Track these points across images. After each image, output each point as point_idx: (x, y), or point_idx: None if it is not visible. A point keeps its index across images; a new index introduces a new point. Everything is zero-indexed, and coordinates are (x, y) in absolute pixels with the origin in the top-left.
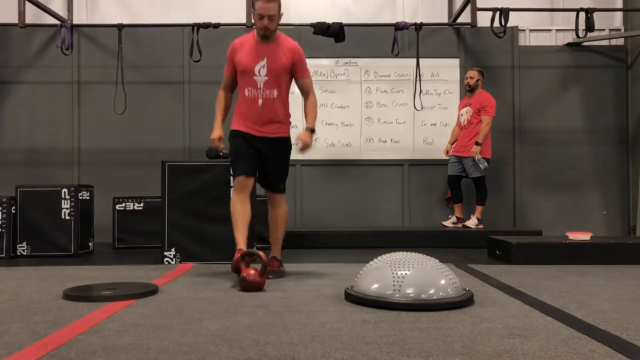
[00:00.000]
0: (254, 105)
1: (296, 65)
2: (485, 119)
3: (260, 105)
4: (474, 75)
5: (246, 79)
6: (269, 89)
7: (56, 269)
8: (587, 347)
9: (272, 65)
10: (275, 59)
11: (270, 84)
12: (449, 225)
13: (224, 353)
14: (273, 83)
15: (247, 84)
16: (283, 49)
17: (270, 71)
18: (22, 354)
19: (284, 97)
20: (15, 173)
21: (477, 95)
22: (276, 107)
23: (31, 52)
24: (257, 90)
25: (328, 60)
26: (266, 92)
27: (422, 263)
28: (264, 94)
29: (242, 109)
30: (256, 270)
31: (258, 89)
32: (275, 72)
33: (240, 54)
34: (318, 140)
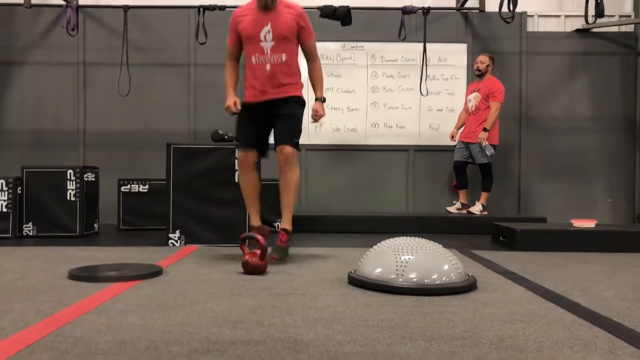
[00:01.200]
0: (262, 71)
1: (301, 28)
2: (494, 105)
3: (268, 71)
4: (484, 60)
5: (252, 46)
6: (277, 54)
7: (61, 249)
8: (589, 334)
9: (277, 29)
10: (280, 23)
11: (277, 49)
12: (454, 211)
13: (227, 334)
14: (280, 47)
15: (254, 51)
16: (287, 13)
17: (276, 36)
18: (28, 332)
19: (292, 60)
20: (21, 154)
21: (486, 81)
22: (285, 70)
23: (37, 33)
24: (264, 56)
25: (334, 44)
26: (274, 57)
27: (426, 248)
28: (271, 59)
29: (251, 77)
30: (258, 254)
31: (265, 54)
32: (281, 36)
33: (243, 23)
34: (323, 125)
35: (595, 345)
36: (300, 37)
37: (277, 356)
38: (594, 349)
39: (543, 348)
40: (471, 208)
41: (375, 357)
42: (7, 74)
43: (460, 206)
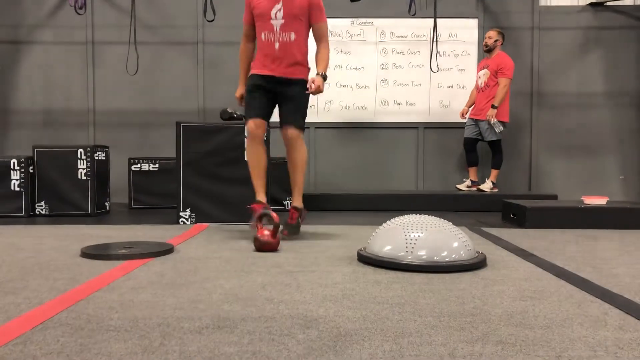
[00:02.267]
0: (271, 48)
1: (313, 8)
2: (502, 81)
3: (277, 49)
4: (492, 36)
5: (263, 23)
6: (286, 32)
7: (74, 227)
8: (599, 310)
9: (289, 8)
10: (292, 1)
11: (286, 27)
12: (464, 189)
13: (238, 311)
14: (290, 26)
15: (264, 28)
16: None
17: (286, 14)
18: (42, 309)
19: (301, 41)
20: (31, 133)
21: (495, 56)
22: (293, 50)
23: (45, 12)
24: (273, 34)
25: (343, 20)
26: (283, 35)
27: (435, 226)
28: (280, 37)
29: (260, 53)
30: (270, 231)
31: (274, 32)
32: (292, 15)
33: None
34: (333, 103)
35: (605, 322)
36: (311, 18)
37: (287, 332)
38: (603, 325)
39: (552, 324)
40: (481, 186)
41: (385, 334)
42: (16, 53)
43: (470, 183)
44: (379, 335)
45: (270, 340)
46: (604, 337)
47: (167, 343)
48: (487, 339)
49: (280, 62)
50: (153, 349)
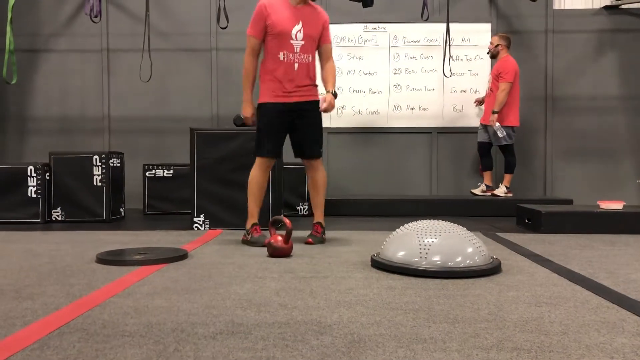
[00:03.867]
0: (291, 69)
1: (325, 30)
2: (502, 85)
3: (296, 70)
4: (493, 41)
5: (282, 42)
6: (305, 54)
7: (89, 233)
8: (616, 316)
9: (308, 29)
10: (311, 23)
11: (306, 49)
12: (479, 193)
13: (251, 316)
14: (309, 48)
15: (283, 48)
16: (316, 14)
17: (306, 35)
18: (58, 314)
19: (314, 62)
20: (48, 140)
21: (500, 62)
22: (310, 71)
23: (61, 21)
24: (294, 55)
25: (356, 25)
26: (302, 56)
27: (450, 231)
28: (300, 59)
29: (275, 74)
30: (283, 237)
31: (295, 52)
32: (311, 37)
33: (275, 16)
34: (345, 108)
35: (623, 328)
36: (322, 39)
37: (300, 338)
38: (621, 331)
39: (569, 331)
40: (495, 191)
41: (399, 340)
42: (33, 61)
43: (485, 188)
44: (393, 342)
45: (284, 346)
46: (622, 344)
47: (182, 348)
48: (503, 345)
49: (298, 85)
50: (168, 354)
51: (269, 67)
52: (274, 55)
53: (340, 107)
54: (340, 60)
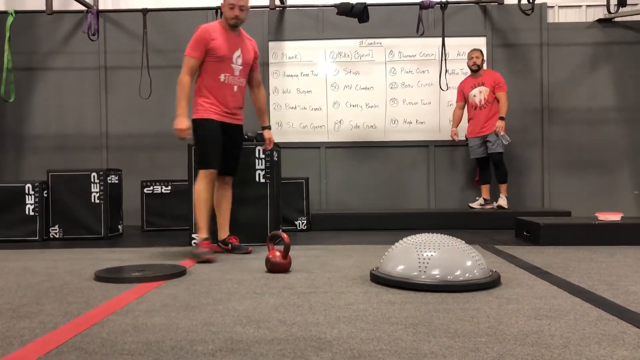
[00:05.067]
0: (229, 91)
1: (256, 58)
2: (503, 95)
3: (235, 92)
4: (479, 55)
5: (223, 65)
6: (242, 78)
7: (87, 251)
8: (616, 329)
9: (246, 56)
10: (247, 51)
11: (243, 73)
12: (477, 207)
13: (251, 333)
14: (245, 73)
15: (224, 70)
16: (250, 43)
17: (244, 61)
18: (56, 333)
19: (245, 86)
20: (46, 158)
21: (486, 74)
22: (243, 95)
23: (59, 39)
24: (234, 78)
25: (352, 41)
26: (240, 80)
27: (448, 244)
28: (238, 82)
29: (216, 94)
30: (281, 252)
31: (235, 76)
32: (247, 63)
33: (218, 41)
34: (343, 122)
35: (623, 340)
36: (254, 67)
37: (300, 355)
38: (622, 344)
39: (569, 344)
40: (500, 203)
41: (399, 355)
42: (30, 79)
43: (483, 202)
44: (393, 357)
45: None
46: (622, 356)
47: None
48: (503, 359)
49: (235, 106)
50: None
51: (209, 86)
52: (215, 76)
53: (338, 121)
54: (337, 75)
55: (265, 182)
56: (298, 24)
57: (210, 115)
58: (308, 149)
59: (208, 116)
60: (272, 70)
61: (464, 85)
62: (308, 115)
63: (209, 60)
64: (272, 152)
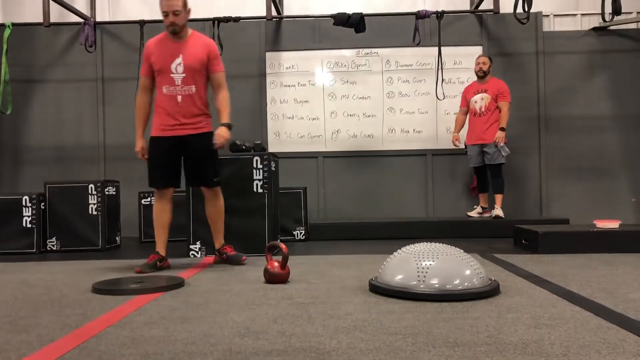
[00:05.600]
0: (173, 102)
1: (210, 60)
2: (506, 105)
3: (179, 102)
4: (486, 62)
5: (164, 77)
6: (187, 85)
7: (85, 263)
8: (616, 337)
9: (188, 61)
10: (191, 55)
11: (187, 80)
12: (475, 216)
13: (249, 344)
14: (190, 79)
15: (165, 82)
16: (198, 45)
17: (187, 68)
18: (54, 346)
19: (201, 92)
20: (43, 170)
21: (491, 81)
22: (196, 102)
23: (56, 51)
24: (175, 87)
25: (349, 51)
26: (184, 88)
27: (447, 253)
28: (182, 91)
29: (163, 106)
30: (280, 263)
31: (176, 85)
32: (192, 69)
33: (155, 54)
34: (340, 132)
35: (623, 348)
36: (210, 69)
37: None
38: (622, 352)
39: (569, 352)
40: (496, 213)
41: None
42: (28, 91)
43: (481, 210)
44: None
45: None
46: None
47: None
48: None
49: (183, 116)
50: None
51: (157, 101)
52: (160, 90)
53: (335, 130)
54: (334, 85)
55: (263, 192)
56: (295, 35)
57: (153, 133)
58: (306, 159)
59: (153, 134)
60: (270, 81)
61: (468, 91)
62: (306, 125)
63: (156, 75)
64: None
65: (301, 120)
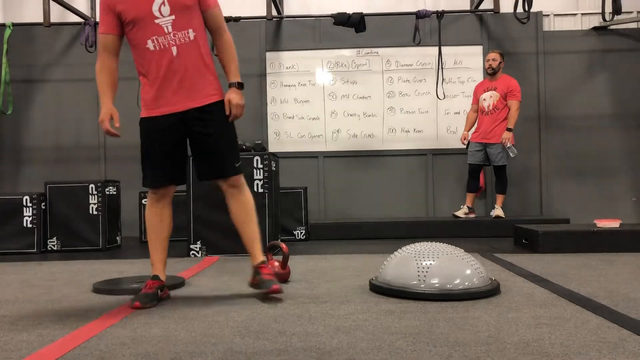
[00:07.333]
0: (167, 59)
1: None
2: (515, 104)
3: (176, 56)
4: (496, 58)
5: (145, 28)
6: (182, 30)
7: (85, 263)
8: (616, 336)
9: None
10: None
11: (180, 23)
12: (462, 216)
13: (250, 344)
14: (184, 21)
15: (150, 34)
16: None
17: (174, 6)
18: (54, 346)
19: (201, 39)
20: (43, 170)
21: (502, 79)
22: (198, 52)
23: (56, 51)
24: (165, 37)
25: (349, 50)
26: (179, 35)
27: (447, 253)
28: (176, 39)
29: (150, 76)
30: (280, 262)
31: (167, 33)
32: (182, 5)
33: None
34: (340, 131)
35: (624, 348)
36: (202, 5)
37: None
38: (622, 351)
39: (570, 352)
40: (498, 212)
41: None
42: (28, 91)
43: (467, 210)
44: None
45: None
46: None
47: None
48: None
49: (184, 78)
50: None
51: (140, 67)
52: (142, 49)
53: (336, 130)
54: (335, 85)
55: (263, 191)
56: (295, 34)
57: (143, 113)
58: (306, 159)
59: (142, 114)
60: (270, 81)
61: (478, 88)
62: (306, 125)
63: (127, 31)
64: None
65: (301, 120)
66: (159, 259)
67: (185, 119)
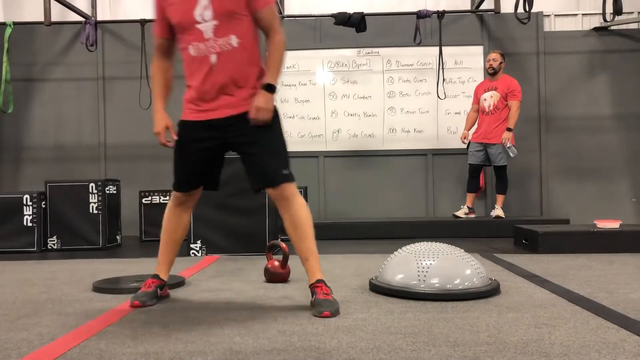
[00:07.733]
0: (206, 65)
1: None
2: (515, 104)
3: (215, 63)
4: (497, 58)
5: (187, 33)
6: (224, 37)
7: (85, 262)
8: (616, 337)
9: (218, 2)
10: None
11: (222, 29)
12: (462, 216)
13: (250, 343)
14: (227, 27)
15: (191, 39)
16: None
17: (218, 12)
18: (54, 345)
19: (248, 45)
20: (44, 169)
21: (502, 79)
22: (240, 59)
23: (57, 50)
24: (206, 43)
25: (350, 50)
26: (220, 41)
27: (447, 253)
28: (217, 46)
29: (191, 79)
30: (280, 262)
31: (207, 40)
32: (226, 11)
33: (172, 2)
34: (341, 131)
35: (623, 348)
36: (251, 6)
37: None
38: (622, 352)
39: (569, 352)
40: (498, 213)
41: None
42: (29, 90)
43: (467, 210)
44: None
45: None
46: None
47: None
48: None
49: (223, 85)
50: None
51: (185, 70)
52: (185, 53)
53: (336, 130)
54: (335, 85)
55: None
56: (296, 34)
57: (183, 116)
58: (306, 159)
59: (182, 117)
60: None
61: (479, 88)
62: (306, 125)
63: (177, 33)
64: None
65: (302, 120)
66: (165, 260)
67: (223, 126)
